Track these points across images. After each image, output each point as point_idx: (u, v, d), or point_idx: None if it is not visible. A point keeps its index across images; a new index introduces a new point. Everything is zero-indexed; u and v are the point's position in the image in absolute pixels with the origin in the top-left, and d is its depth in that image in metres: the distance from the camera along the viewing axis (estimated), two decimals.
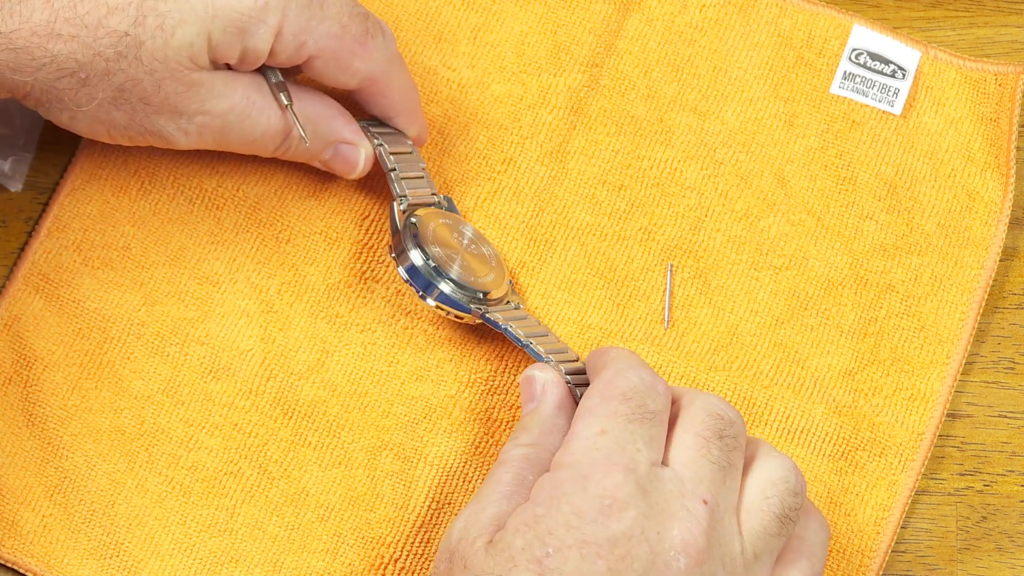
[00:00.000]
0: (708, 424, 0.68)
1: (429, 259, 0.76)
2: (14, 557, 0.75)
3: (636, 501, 0.65)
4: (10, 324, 0.78)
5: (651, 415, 0.68)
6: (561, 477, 0.66)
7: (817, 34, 0.84)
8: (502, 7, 0.85)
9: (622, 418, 0.67)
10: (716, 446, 0.68)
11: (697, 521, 0.65)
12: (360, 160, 0.78)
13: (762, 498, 0.68)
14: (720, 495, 0.67)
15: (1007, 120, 0.82)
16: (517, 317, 0.77)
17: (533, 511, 0.65)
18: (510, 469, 0.69)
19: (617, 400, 0.68)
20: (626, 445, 0.66)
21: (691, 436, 0.68)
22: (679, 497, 0.66)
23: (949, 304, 0.80)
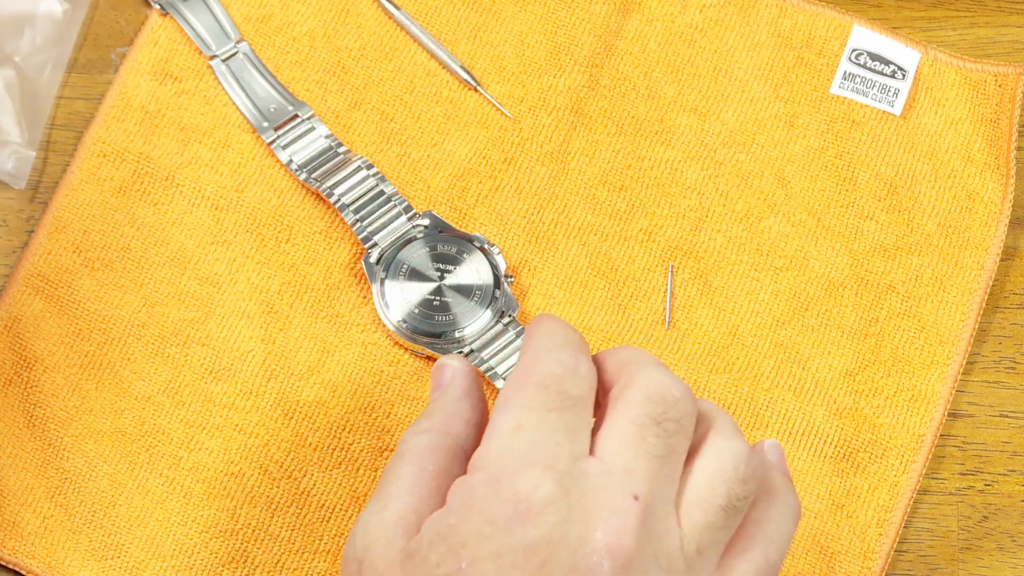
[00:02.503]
0: (646, 409, 0.60)
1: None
2: (15, 558, 0.75)
3: (555, 502, 0.58)
4: (10, 325, 0.78)
5: (572, 401, 0.60)
6: (474, 481, 0.59)
7: (817, 34, 0.84)
8: (502, 7, 0.85)
9: (539, 408, 0.60)
10: (653, 432, 0.60)
11: (626, 520, 0.58)
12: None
13: (708, 488, 0.60)
14: (655, 488, 0.59)
15: (1007, 120, 0.82)
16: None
17: (446, 520, 0.59)
18: (409, 460, 0.62)
19: (533, 388, 0.60)
20: (544, 439, 0.59)
21: (625, 423, 0.60)
22: (606, 493, 0.58)
23: (950, 304, 0.80)
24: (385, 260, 0.79)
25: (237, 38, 0.83)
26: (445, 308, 0.78)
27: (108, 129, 0.82)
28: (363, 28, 0.84)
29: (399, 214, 0.80)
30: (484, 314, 0.78)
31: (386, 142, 0.83)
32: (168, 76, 0.83)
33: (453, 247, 0.79)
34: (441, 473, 0.61)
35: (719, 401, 0.78)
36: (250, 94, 0.82)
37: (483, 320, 0.78)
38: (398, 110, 0.83)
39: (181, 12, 0.84)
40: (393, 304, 0.78)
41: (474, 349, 0.77)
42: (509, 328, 0.78)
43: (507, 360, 0.77)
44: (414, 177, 0.82)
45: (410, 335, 0.78)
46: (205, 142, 0.82)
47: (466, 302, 0.78)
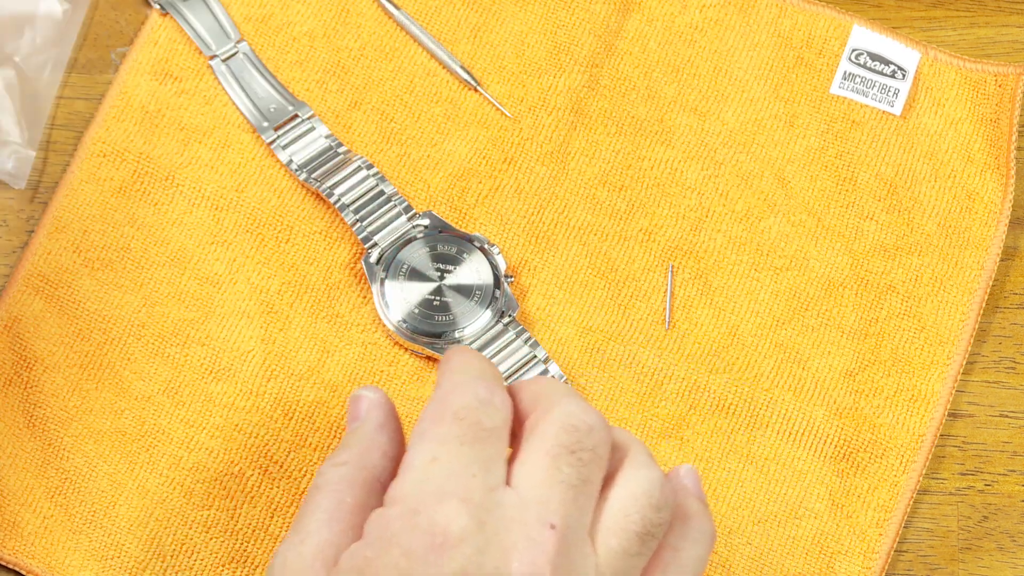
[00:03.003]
0: (560, 439, 0.60)
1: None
2: (15, 558, 0.75)
3: (471, 535, 0.58)
4: (10, 325, 0.78)
5: (487, 433, 0.60)
6: (391, 514, 0.59)
7: (817, 34, 0.84)
8: (502, 7, 0.85)
9: (454, 441, 0.60)
10: (567, 462, 0.60)
11: (541, 550, 0.58)
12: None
13: (623, 515, 0.60)
14: (571, 517, 0.59)
15: (1007, 120, 0.82)
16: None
17: (363, 552, 0.59)
18: (328, 493, 0.62)
19: (448, 422, 0.60)
20: (460, 472, 0.59)
21: (540, 454, 0.60)
22: (521, 524, 0.59)
23: (950, 304, 0.80)
24: (385, 260, 0.79)
25: (237, 38, 0.83)
26: (445, 308, 0.78)
27: (108, 129, 0.82)
28: (363, 28, 0.84)
29: (399, 214, 0.80)
30: (484, 314, 0.78)
31: (386, 142, 0.83)
32: (168, 76, 0.83)
33: (453, 247, 0.79)
34: (359, 506, 0.61)
35: (718, 401, 0.79)
36: (250, 94, 0.82)
37: (483, 320, 0.78)
38: (398, 110, 0.83)
39: (181, 12, 0.84)
40: (393, 304, 0.78)
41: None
42: (509, 328, 0.78)
43: (507, 360, 0.77)
44: (414, 177, 0.82)
45: (410, 335, 0.78)
46: (205, 142, 0.82)
47: (466, 302, 0.78)
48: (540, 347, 0.78)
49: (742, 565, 0.76)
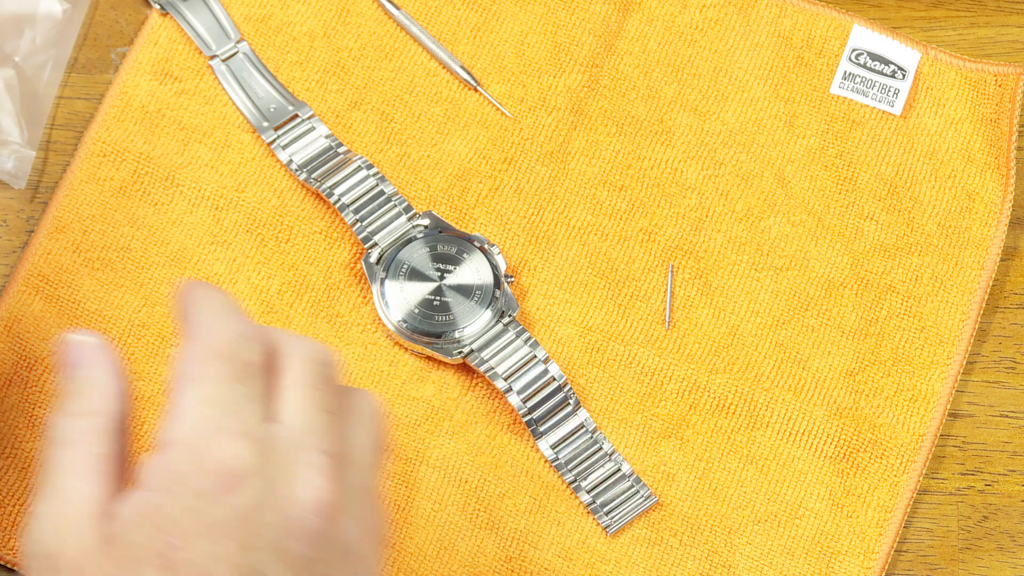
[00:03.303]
0: (314, 371, 0.62)
1: None
2: (15, 558, 0.75)
3: (257, 469, 0.59)
4: (10, 325, 0.78)
5: (253, 368, 0.61)
6: (174, 458, 0.58)
7: (817, 34, 0.84)
8: (502, 7, 0.85)
9: (224, 380, 0.60)
10: (324, 392, 0.62)
11: (322, 474, 0.60)
12: None
13: (368, 434, 0.63)
14: (335, 440, 0.61)
15: (1007, 120, 0.82)
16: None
17: (149, 499, 0.58)
18: (75, 447, 0.60)
19: (215, 361, 0.60)
20: (235, 409, 0.60)
21: (299, 387, 0.61)
22: (298, 453, 0.60)
23: (950, 304, 0.80)
24: (385, 260, 0.79)
25: (237, 38, 0.83)
26: (445, 308, 0.78)
27: (108, 129, 0.82)
28: (363, 28, 0.84)
29: (399, 214, 0.80)
30: (484, 314, 0.78)
31: (386, 142, 0.83)
32: (168, 76, 0.83)
33: (453, 247, 0.79)
34: (111, 456, 0.60)
35: (719, 401, 0.79)
36: (250, 94, 0.82)
37: (483, 320, 0.78)
38: (398, 110, 0.83)
39: (181, 12, 0.84)
40: (393, 304, 0.78)
41: (474, 349, 0.77)
42: (509, 328, 0.78)
43: (507, 360, 0.77)
44: (414, 177, 0.82)
45: (410, 335, 0.78)
46: (205, 142, 0.82)
47: (466, 302, 0.78)
48: (540, 347, 0.78)
49: (742, 565, 0.76)
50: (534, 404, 0.77)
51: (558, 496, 0.77)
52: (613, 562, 0.76)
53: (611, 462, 0.77)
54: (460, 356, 0.77)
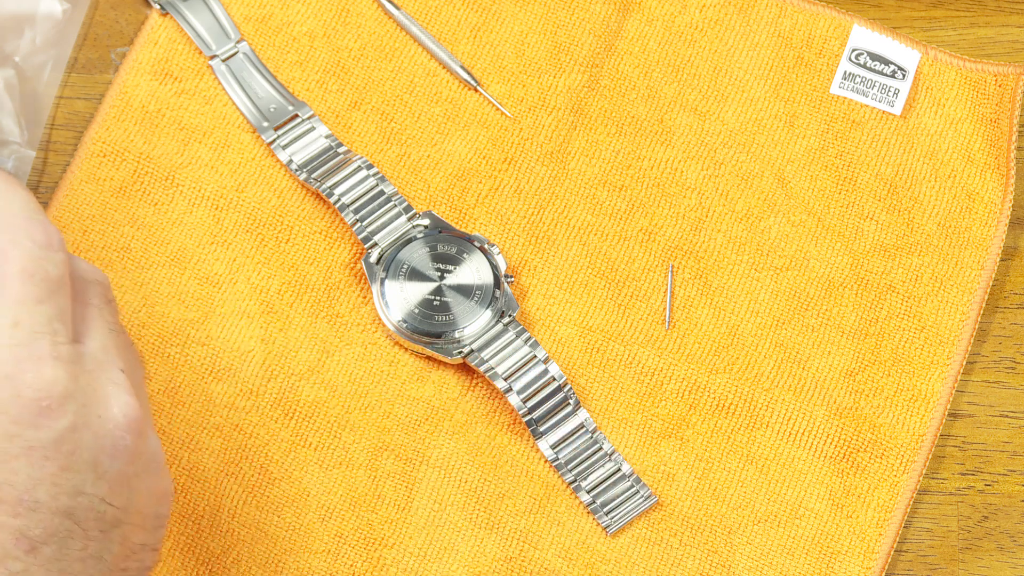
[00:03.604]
0: (97, 292, 0.63)
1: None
2: None
3: (71, 392, 0.59)
4: None
5: (56, 286, 0.60)
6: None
7: (817, 34, 0.84)
8: (502, 7, 0.85)
9: (32, 301, 0.59)
10: (108, 311, 0.63)
11: (126, 390, 0.61)
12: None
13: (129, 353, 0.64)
14: (127, 360, 0.63)
15: (1007, 120, 0.82)
16: None
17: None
18: None
19: (20, 279, 0.59)
20: (44, 331, 0.59)
21: (94, 308, 0.62)
22: (104, 372, 0.61)
23: (950, 304, 0.80)
24: (385, 260, 0.79)
25: (237, 38, 0.83)
26: (445, 308, 0.78)
27: (108, 129, 0.82)
28: (363, 28, 0.84)
29: (399, 214, 0.80)
30: (484, 314, 0.78)
31: (386, 142, 0.83)
32: (168, 76, 0.83)
33: (453, 247, 0.79)
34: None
35: (719, 401, 0.79)
36: (250, 94, 0.82)
37: (483, 320, 0.78)
38: (398, 110, 0.83)
39: (181, 12, 0.84)
40: (393, 304, 0.78)
41: (474, 349, 0.77)
42: (509, 328, 0.78)
43: (507, 360, 0.77)
44: (414, 177, 0.82)
45: (410, 335, 0.78)
46: (205, 142, 0.82)
47: (466, 302, 0.78)
48: (540, 347, 0.78)
49: (742, 565, 0.76)
50: (534, 404, 0.77)
51: (558, 496, 0.77)
52: (613, 562, 0.76)
53: (611, 462, 0.77)
54: (460, 356, 0.77)
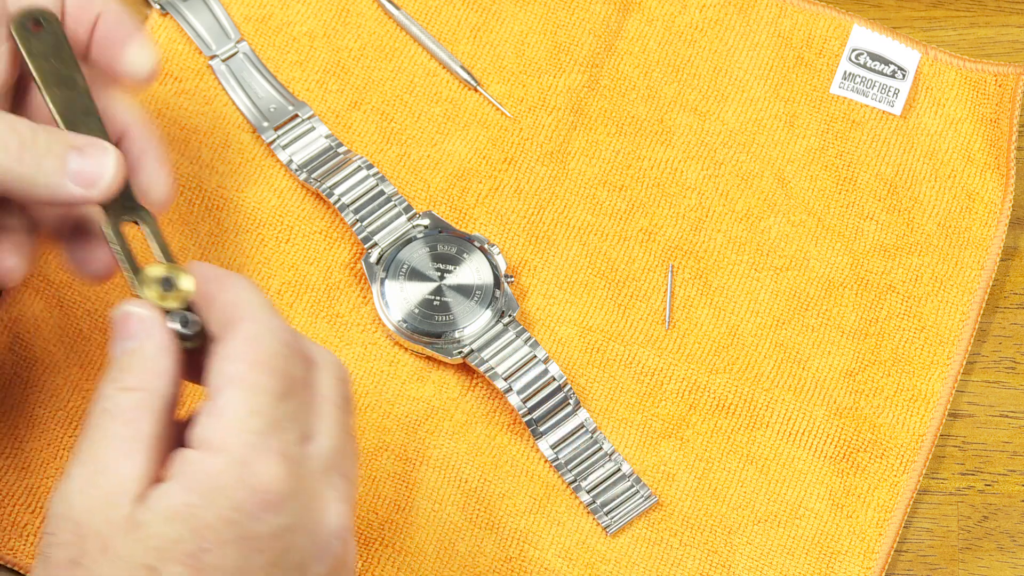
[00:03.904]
0: (341, 392, 0.63)
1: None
2: (15, 559, 0.75)
3: (294, 492, 0.59)
4: (11, 325, 0.78)
5: (296, 386, 0.61)
6: (216, 466, 0.59)
7: (817, 34, 0.84)
8: (502, 7, 0.85)
9: (271, 395, 0.60)
10: (347, 413, 0.63)
11: (345, 500, 0.62)
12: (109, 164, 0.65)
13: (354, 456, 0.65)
14: (351, 466, 0.63)
15: (1007, 120, 0.82)
16: None
17: (186, 500, 0.58)
18: (123, 422, 0.60)
19: (266, 371, 0.60)
20: (279, 428, 0.60)
21: (331, 406, 0.62)
22: (326, 477, 0.61)
23: (950, 304, 0.80)
24: (385, 260, 0.79)
25: (237, 38, 0.83)
26: (445, 308, 0.78)
27: None
28: (363, 28, 0.84)
29: (399, 214, 0.80)
30: (484, 314, 0.78)
31: (386, 142, 0.83)
32: (168, 76, 0.83)
33: (453, 247, 0.79)
34: (156, 437, 0.60)
35: (719, 401, 0.79)
36: (250, 94, 0.82)
37: (483, 320, 0.78)
38: (398, 110, 0.83)
39: (181, 12, 0.84)
40: (393, 304, 0.78)
41: (474, 349, 0.77)
42: (509, 328, 0.78)
43: (507, 360, 0.77)
44: (414, 177, 0.82)
45: (410, 335, 0.78)
46: (205, 142, 0.82)
47: (466, 302, 0.78)
48: (540, 347, 0.78)
49: (742, 565, 0.76)
50: (534, 404, 0.77)
51: (558, 496, 0.77)
52: (613, 562, 0.76)
53: (611, 462, 0.77)
54: (460, 356, 0.77)
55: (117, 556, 0.58)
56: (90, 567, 0.58)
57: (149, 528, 0.58)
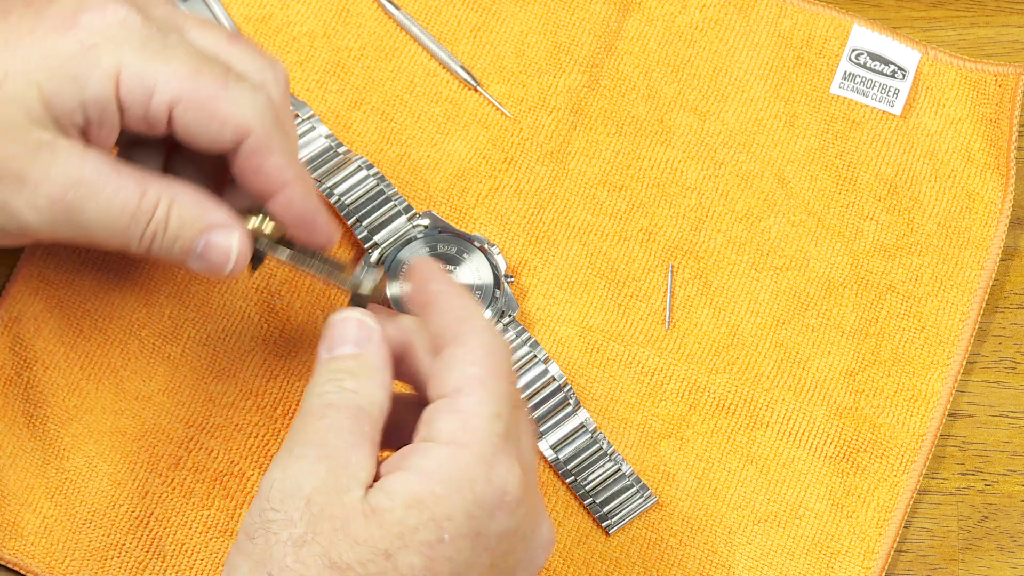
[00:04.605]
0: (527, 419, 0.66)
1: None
2: (15, 558, 0.75)
3: (525, 497, 0.62)
4: (10, 325, 0.78)
5: (522, 399, 0.66)
6: (464, 459, 0.61)
7: (817, 34, 0.84)
8: (502, 7, 0.85)
9: (509, 401, 0.63)
10: (533, 440, 0.66)
11: (548, 518, 0.65)
12: (234, 245, 0.68)
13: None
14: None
15: (1007, 120, 0.82)
16: None
17: (432, 489, 0.60)
18: (348, 415, 0.62)
19: (503, 379, 0.63)
20: (516, 433, 0.63)
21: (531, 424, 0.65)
22: (539, 495, 0.65)
23: (950, 304, 0.80)
24: (385, 260, 0.79)
25: None
26: None
27: None
28: (363, 28, 0.84)
29: (399, 214, 0.80)
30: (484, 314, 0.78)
31: (386, 142, 0.83)
32: None
33: (453, 247, 0.79)
34: (374, 439, 0.62)
35: (719, 401, 0.79)
36: None
37: None
38: (398, 110, 0.83)
39: None
40: (393, 303, 0.78)
41: None
42: (509, 328, 0.78)
43: None
44: (414, 177, 0.82)
45: None
46: None
47: None
48: (540, 347, 0.78)
49: (742, 565, 0.76)
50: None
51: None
52: (613, 562, 0.76)
53: (611, 462, 0.77)
54: None
55: (355, 539, 0.59)
56: (325, 547, 0.59)
57: (390, 514, 0.59)
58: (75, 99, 0.65)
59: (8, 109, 0.64)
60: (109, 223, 0.67)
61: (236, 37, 0.68)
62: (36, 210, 0.66)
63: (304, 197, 0.68)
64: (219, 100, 0.66)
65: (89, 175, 0.66)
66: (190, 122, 0.66)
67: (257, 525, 0.60)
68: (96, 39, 0.65)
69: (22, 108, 0.64)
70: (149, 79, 0.65)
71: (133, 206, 0.66)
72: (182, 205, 0.67)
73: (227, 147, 0.67)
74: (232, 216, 0.68)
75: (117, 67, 0.65)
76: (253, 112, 0.66)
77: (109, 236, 0.67)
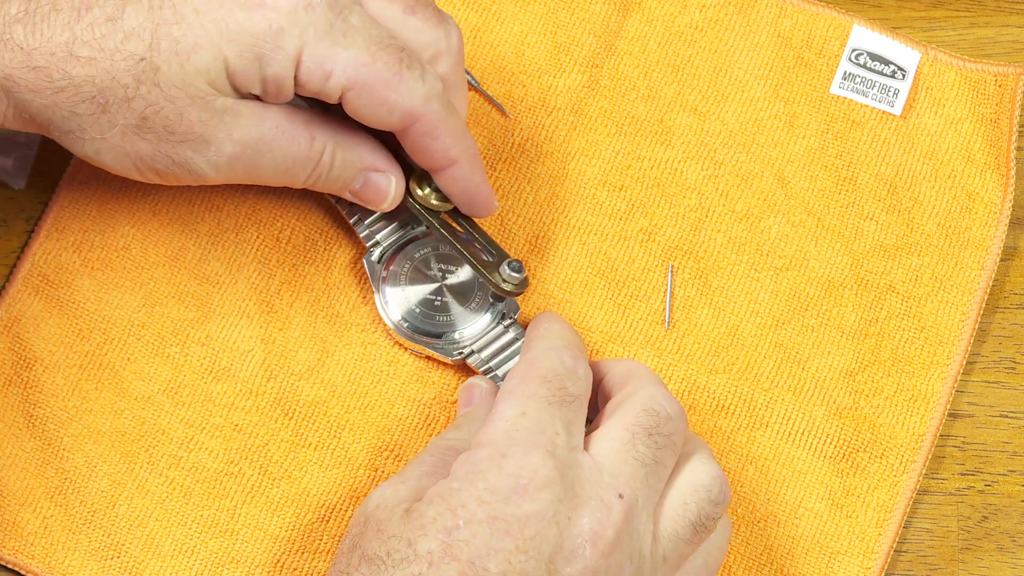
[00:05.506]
0: (640, 419, 0.68)
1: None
2: (15, 558, 0.75)
3: (552, 483, 0.65)
4: (10, 325, 0.78)
5: (571, 399, 0.68)
6: (479, 455, 0.66)
7: (817, 34, 0.84)
8: (502, 7, 0.85)
9: (541, 400, 0.68)
10: (643, 443, 0.68)
11: (609, 513, 0.65)
12: (391, 189, 0.75)
13: (681, 503, 0.68)
14: (639, 492, 0.66)
15: (1007, 120, 0.82)
16: None
17: (449, 485, 0.65)
18: (434, 454, 0.69)
19: (537, 381, 0.68)
20: (545, 427, 0.67)
21: (620, 428, 0.68)
22: (595, 486, 0.66)
23: (950, 304, 0.80)
24: (387, 259, 0.79)
25: None
26: (446, 308, 0.78)
27: None
28: None
29: None
30: (485, 315, 0.78)
31: None
32: None
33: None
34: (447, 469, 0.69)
35: (719, 401, 0.79)
36: None
37: (484, 321, 0.78)
38: None
39: None
40: (393, 303, 0.78)
41: (474, 350, 0.77)
42: (509, 329, 0.78)
43: (508, 362, 0.77)
44: None
45: (410, 334, 0.78)
46: None
47: (467, 303, 0.78)
48: None
49: (742, 565, 0.76)
50: None
51: None
52: None
53: None
54: (460, 356, 0.77)
55: (384, 535, 0.65)
56: (363, 546, 0.65)
57: (416, 511, 0.65)
58: (257, 75, 0.69)
59: (195, 79, 0.69)
60: (281, 170, 0.72)
61: (413, 6, 0.72)
62: (215, 167, 0.71)
63: (468, 175, 0.74)
64: (390, 89, 0.70)
65: (267, 133, 0.71)
66: (361, 106, 0.71)
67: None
68: (283, 22, 0.69)
69: (207, 78, 0.69)
70: (328, 64, 0.69)
71: (304, 155, 0.72)
72: (345, 148, 0.73)
73: (396, 129, 0.72)
74: (388, 160, 0.74)
75: (299, 50, 0.69)
76: (422, 100, 0.71)
77: (277, 178, 0.73)
